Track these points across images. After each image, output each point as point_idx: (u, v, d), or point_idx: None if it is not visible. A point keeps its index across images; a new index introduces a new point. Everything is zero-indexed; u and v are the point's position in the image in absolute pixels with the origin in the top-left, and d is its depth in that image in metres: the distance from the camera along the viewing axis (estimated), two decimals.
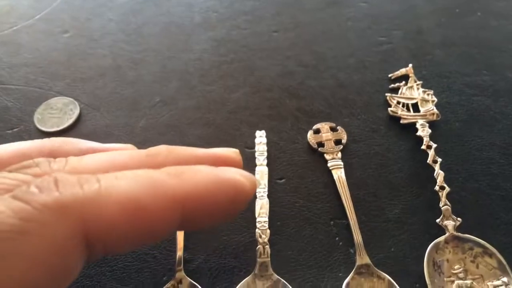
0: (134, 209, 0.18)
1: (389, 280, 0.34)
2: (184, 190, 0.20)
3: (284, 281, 0.35)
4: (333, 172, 0.41)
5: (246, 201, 0.24)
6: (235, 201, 0.22)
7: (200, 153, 0.26)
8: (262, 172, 0.41)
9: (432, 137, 0.42)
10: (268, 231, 0.37)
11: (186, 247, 0.37)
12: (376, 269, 0.35)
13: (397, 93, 0.47)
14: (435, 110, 0.44)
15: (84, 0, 0.61)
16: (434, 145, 0.41)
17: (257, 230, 0.37)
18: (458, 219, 0.36)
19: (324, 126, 0.45)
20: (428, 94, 0.46)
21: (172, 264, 0.36)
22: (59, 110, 0.48)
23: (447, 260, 0.35)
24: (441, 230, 0.36)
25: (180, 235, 0.37)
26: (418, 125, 0.43)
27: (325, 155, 0.43)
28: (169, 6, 0.60)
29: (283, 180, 0.42)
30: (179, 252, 0.36)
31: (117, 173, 0.19)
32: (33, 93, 0.50)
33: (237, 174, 0.23)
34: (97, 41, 0.56)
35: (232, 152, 0.28)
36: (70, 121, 0.47)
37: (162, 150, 0.26)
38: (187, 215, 0.20)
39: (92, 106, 0.48)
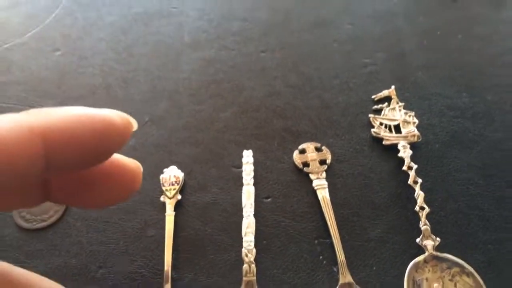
0: None
1: None
2: (41, 122, 0.19)
3: None
4: (318, 192, 0.42)
5: (119, 139, 0.22)
6: (105, 137, 0.21)
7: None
8: (249, 191, 0.42)
9: (413, 158, 0.44)
10: (254, 250, 0.38)
11: (174, 266, 0.38)
12: (359, 287, 0.36)
13: (380, 114, 0.49)
14: (416, 132, 0.46)
15: (75, 18, 0.62)
16: (415, 166, 0.42)
17: (243, 249, 0.38)
18: (437, 238, 0.38)
19: (309, 146, 0.46)
20: (409, 116, 0.48)
21: (160, 283, 0.37)
22: None
23: (426, 279, 0.36)
24: (421, 249, 0.38)
25: (168, 254, 0.38)
26: (400, 146, 0.45)
27: (310, 175, 0.44)
28: (158, 26, 0.61)
29: (269, 199, 0.43)
30: (167, 271, 0.37)
31: None
32: None
33: (107, 111, 0.22)
34: (87, 59, 0.57)
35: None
36: None
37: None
38: (52, 151, 0.20)
39: None
